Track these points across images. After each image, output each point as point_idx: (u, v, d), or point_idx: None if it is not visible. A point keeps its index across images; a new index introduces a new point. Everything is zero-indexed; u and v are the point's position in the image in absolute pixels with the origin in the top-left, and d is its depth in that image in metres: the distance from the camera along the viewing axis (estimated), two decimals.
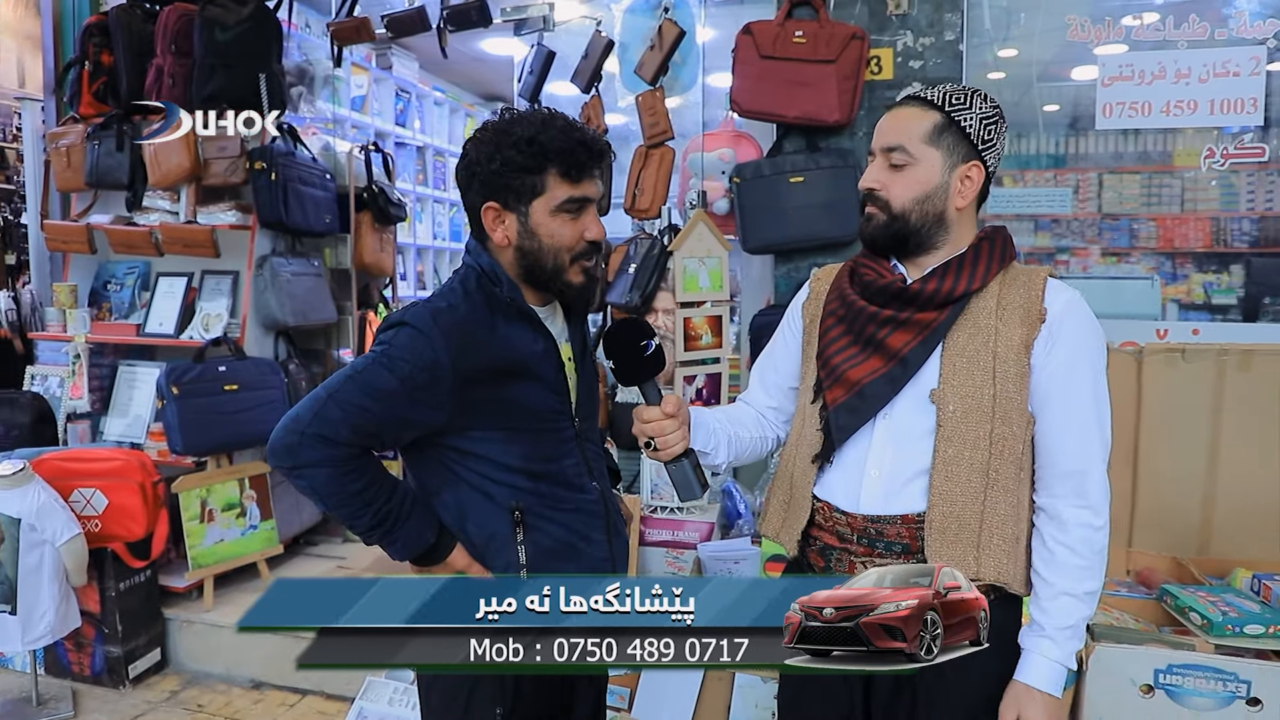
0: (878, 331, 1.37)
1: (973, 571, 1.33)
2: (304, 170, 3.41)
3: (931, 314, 1.35)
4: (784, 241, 3.01)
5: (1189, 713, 2.03)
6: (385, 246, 3.89)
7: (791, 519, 1.47)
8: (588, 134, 1.32)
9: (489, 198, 1.33)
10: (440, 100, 6.49)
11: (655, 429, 1.31)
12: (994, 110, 1.37)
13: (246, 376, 3.17)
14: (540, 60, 3.33)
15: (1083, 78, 3.30)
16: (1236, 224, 4.29)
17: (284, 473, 1.29)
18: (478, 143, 1.33)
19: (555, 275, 1.34)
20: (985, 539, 1.34)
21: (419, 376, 1.26)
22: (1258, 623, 2.10)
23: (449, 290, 1.34)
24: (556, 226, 1.32)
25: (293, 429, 1.26)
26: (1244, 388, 2.66)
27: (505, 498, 1.33)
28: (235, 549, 3.21)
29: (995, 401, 1.33)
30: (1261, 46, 2.77)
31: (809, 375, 1.48)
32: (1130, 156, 3.96)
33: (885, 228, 1.36)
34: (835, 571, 1.42)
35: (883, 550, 1.38)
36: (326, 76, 4.03)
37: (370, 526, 1.30)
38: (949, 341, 1.35)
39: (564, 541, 1.35)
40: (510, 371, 1.32)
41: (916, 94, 1.39)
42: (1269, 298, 3.25)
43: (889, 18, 2.95)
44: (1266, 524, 2.61)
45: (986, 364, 1.33)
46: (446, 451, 1.34)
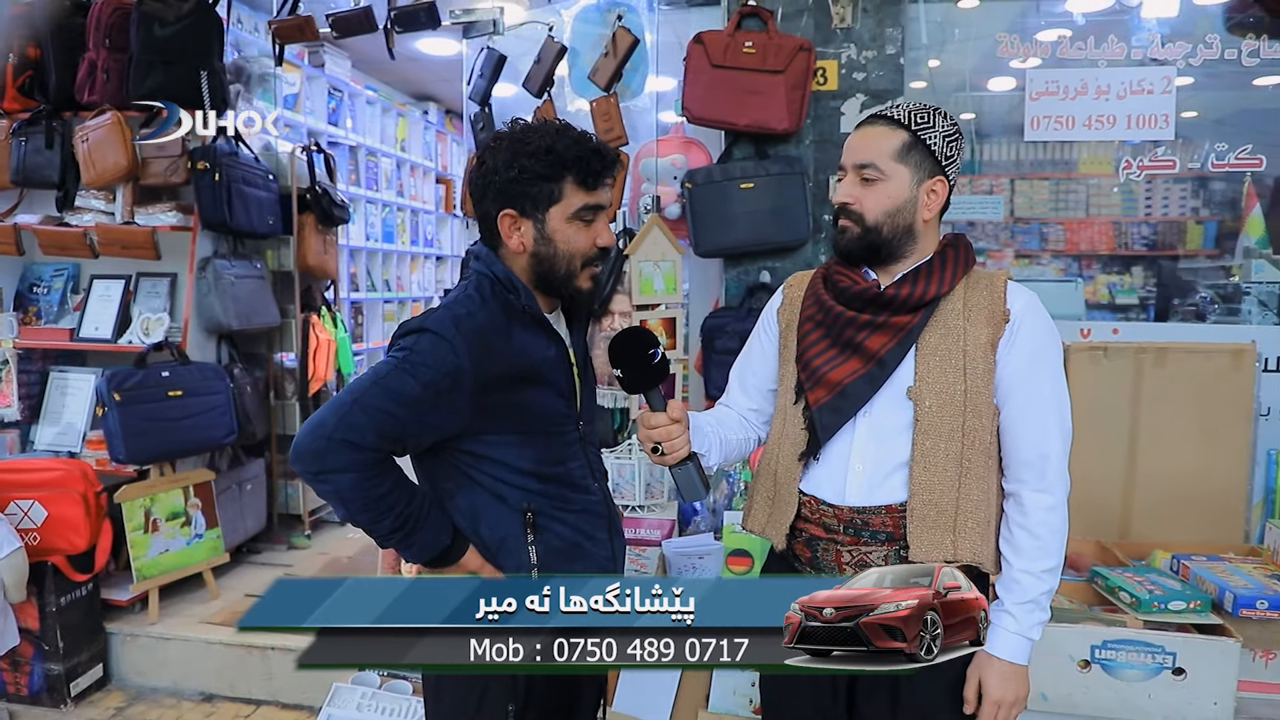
0: (856, 334, 1.46)
1: (950, 554, 1.44)
2: (247, 170, 3.34)
3: (906, 317, 1.44)
4: (734, 245, 3.10)
5: (1121, 684, 2.20)
6: (329, 248, 3.84)
7: (778, 514, 1.55)
8: (601, 143, 1.37)
9: (506, 205, 1.36)
10: (373, 99, 6.39)
11: (663, 434, 1.37)
12: (954, 128, 1.48)
13: (191, 382, 3.09)
14: (491, 64, 3.34)
15: (998, 89, 3.50)
16: (1136, 228, 4.59)
17: (308, 478, 1.30)
18: (493, 151, 1.36)
19: (567, 280, 1.38)
20: (960, 523, 1.44)
21: (441, 382, 1.28)
22: (1180, 599, 2.28)
23: (465, 297, 1.36)
24: (572, 233, 1.37)
25: (318, 434, 1.27)
26: (1159, 383, 2.87)
27: (518, 500, 1.37)
28: (180, 559, 3.12)
29: (966, 396, 1.43)
30: (1172, 67, 2.98)
31: (788, 377, 1.56)
32: (1040, 164, 4.20)
33: (859, 239, 1.46)
34: (822, 560, 1.51)
35: (868, 539, 1.47)
36: (263, 75, 3.95)
37: (391, 530, 1.32)
38: (922, 342, 1.45)
39: (571, 541, 1.40)
40: (525, 377, 1.35)
41: (883, 113, 1.48)
42: (1178, 299, 3.50)
43: (834, 31, 3.06)
44: (1181, 509, 2.83)
45: (958, 362, 1.44)
46: (461, 455, 1.37)
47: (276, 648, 2.86)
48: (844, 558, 1.48)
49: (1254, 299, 3.23)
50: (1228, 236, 4.19)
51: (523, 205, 1.35)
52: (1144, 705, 2.19)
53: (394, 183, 6.89)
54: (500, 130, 1.40)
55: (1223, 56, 2.98)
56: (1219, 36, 2.97)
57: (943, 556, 1.44)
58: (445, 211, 8.16)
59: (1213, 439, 2.85)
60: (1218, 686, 2.16)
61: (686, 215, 3.12)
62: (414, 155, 7.26)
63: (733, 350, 3.10)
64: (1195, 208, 4.46)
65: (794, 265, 3.13)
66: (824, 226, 3.09)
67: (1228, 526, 2.87)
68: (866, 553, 1.47)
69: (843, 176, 1.50)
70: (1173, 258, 4.35)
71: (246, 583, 3.38)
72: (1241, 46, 2.97)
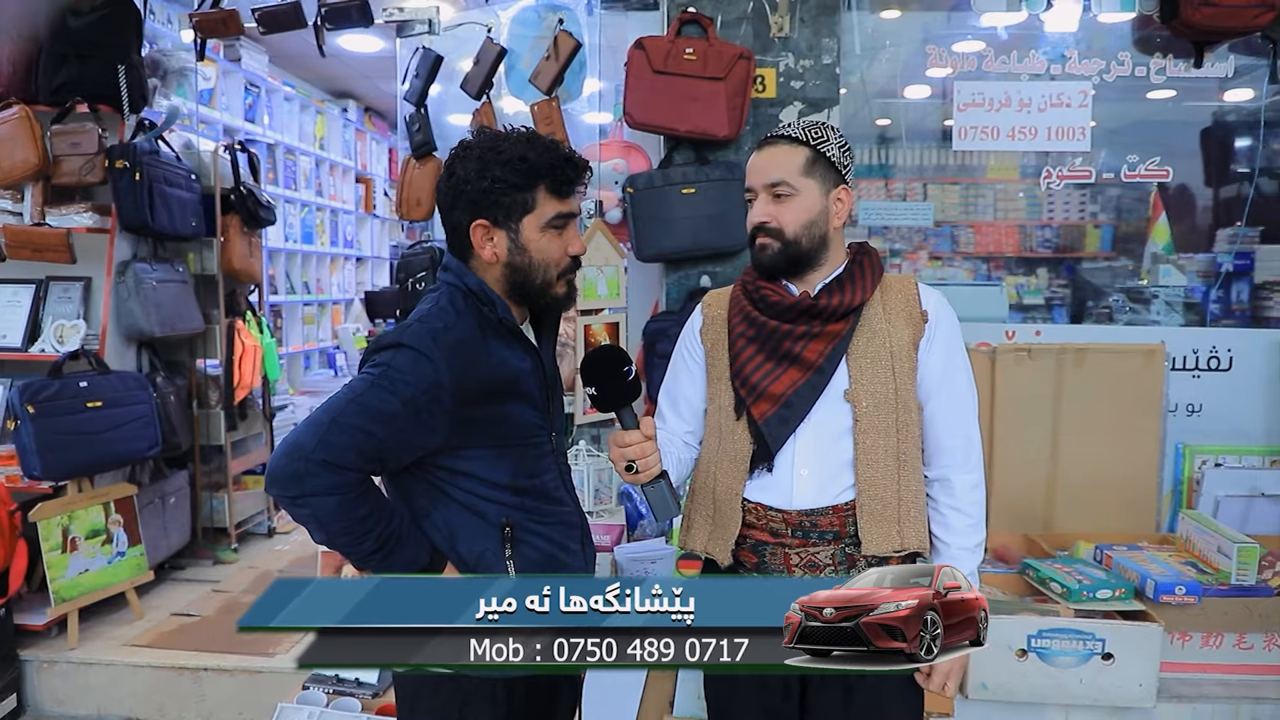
0: (793, 346, 1.51)
1: (897, 544, 1.51)
2: (169, 170, 3.19)
3: (838, 325, 1.51)
4: (676, 250, 3.12)
5: (1056, 670, 2.31)
6: (254, 251, 3.70)
7: (720, 530, 1.59)
8: (571, 151, 1.36)
9: (478, 215, 1.34)
10: (290, 96, 6.20)
11: (637, 451, 1.38)
12: (844, 139, 1.58)
13: (111, 392, 2.93)
14: (428, 64, 3.28)
15: (915, 96, 3.64)
16: (1040, 231, 4.83)
17: (286, 502, 1.25)
18: (463, 161, 1.34)
19: (543, 290, 1.37)
20: (904, 514, 1.52)
21: (421, 399, 1.25)
22: (1106, 588, 2.41)
23: (439, 311, 1.33)
24: (545, 242, 1.36)
25: (296, 456, 1.22)
26: (1079, 382, 3.02)
27: (495, 515, 1.35)
28: (102, 579, 2.96)
29: (897, 394, 1.51)
30: (1088, 81, 3.15)
31: (720, 395, 1.60)
32: (948, 169, 4.38)
33: (781, 254, 1.51)
34: (770, 565, 1.54)
35: (816, 539, 1.52)
36: (182, 69, 3.78)
37: (371, 551, 1.28)
38: (852, 347, 1.52)
39: (548, 554, 1.38)
40: (503, 390, 1.33)
41: (781, 134, 1.55)
42: (1091, 301, 3.69)
43: (772, 40, 3.12)
44: (1099, 501, 2.99)
45: (886, 363, 1.51)
46: (436, 471, 1.34)
47: (210, 669, 2.74)
48: (792, 560, 1.53)
49: (1162, 301, 3.43)
50: (1124, 239, 4.45)
51: (495, 215, 1.34)
52: (1076, 690, 2.31)
53: (313, 182, 6.69)
54: (467, 139, 1.38)
55: (1133, 73, 3.16)
56: (1129, 54, 3.15)
57: (892, 547, 1.51)
58: (365, 212, 7.97)
59: (1127, 434, 3.02)
60: (1143, 669, 2.29)
61: (628, 220, 3.13)
62: (333, 154, 7.07)
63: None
64: (1094, 213, 4.72)
65: (734, 270, 3.18)
66: None
67: (1142, 517, 3.04)
68: (814, 553, 1.52)
69: (752, 199, 1.55)
70: (1075, 259, 4.60)
71: (172, 601, 3.23)
72: (1150, 64, 3.15)
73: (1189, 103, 3.68)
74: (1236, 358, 3.11)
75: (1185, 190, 3.98)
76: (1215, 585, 2.44)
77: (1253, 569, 2.45)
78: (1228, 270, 3.58)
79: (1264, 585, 2.46)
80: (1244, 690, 2.41)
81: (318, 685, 2.40)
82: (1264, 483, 3.00)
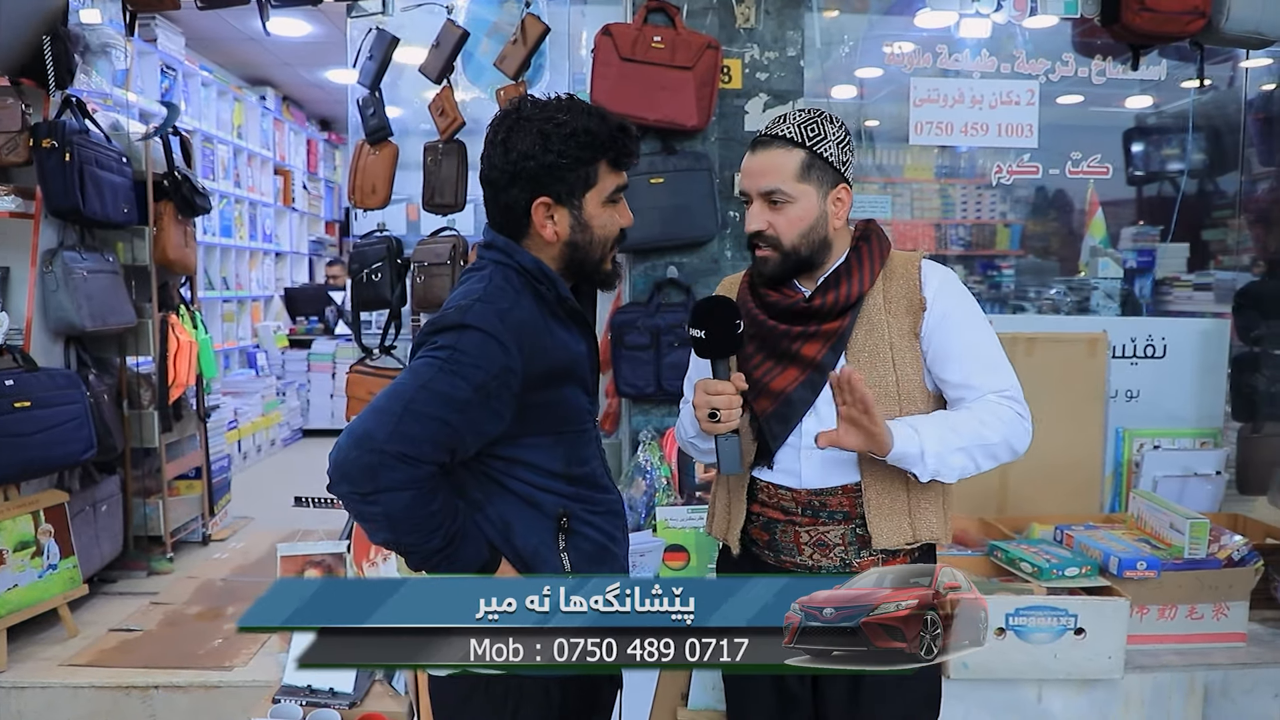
0: (791, 345, 1.52)
1: (909, 537, 1.51)
2: (100, 152, 2.97)
3: (836, 323, 1.51)
4: (644, 240, 3.09)
5: (1031, 646, 2.39)
6: (189, 240, 3.49)
7: (734, 517, 1.60)
8: (624, 120, 1.31)
9: (540, 192, 1.27)
10: (208, 81, 5.89)
11: (725, 402, 1.39)
12: (843, 130, 1.55)
13: (41, 391, 2.70)
14: (382, 46, 3.15)
15: (840, 96, 3.71)
16: (954, 230, 5.01)
17: (355, 499, 1.15)
18: (520, 134, 1.26)
19: (598, 266, 1.32)
20: (914, 505, 1.52)
21: (491, 384, 1.18)
22: (1073, 565, 2.50)
23: (498, 290, 1.25)
24: (607, 217, 1.31)
25: (368, 447, 1.13)
26: (1030, 369, 3.12)
27: (552, 505, 1.29)
28: (32, 594, 2.73)
29: (899, 386, 1.50)
30: (1035, 80, 3.27)
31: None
32: (867, 168, 4.49)
33: (780, 265, 1.51)
34: (780, 542, 1.56)
35: (825, 519, 1.53)
36: (104, 45, 3.52)
37: (437, 549, 1.20)
38: (851, 342, 1.52)
39: (600, 544, 1.34)
40: (563, 374, 1.28)
41: (776, 133, 1.51)
42: (1034, 290, 3.84)
43: (738, 30, 3.12)
44: (1049, 484, 3.12)
45: (886, 355, 1.51)
46: (493, 462, 1.27)
47: (161, 686, 2.56)
48: (802, 538, 1.54)
49: (1101, 293, 3.60)
50: (1031, 238, 4.67)
51: (559, 192, 1.27)
52: (1050, 664, 2.40)
53: (231, 172, 6.37)
54: (513, 112, 1.30)
55: (1076, 74, 3.30)
56: (1073, 56, 3.29)
57: (903, 540, 1.51)
58: (284, 205, 7.65)
59: (1073, 419, 3.16)
60: (1111, 642, 2.40)
61: None
62: (251, 144, 6.76)
63: (642, 346, 3.11)
64: (1003, 212, 4.93)
65: (701, 261, 3.17)
66: (730, 223, 3.14)
67: (1087, 498, 3.19)
68: (824, 532, 1.53)
69: (748, 202, 1.54)
70: (987, 257, 4.79)
71: (108, 616, 3.01)
72: (1091, 65, 3.30)
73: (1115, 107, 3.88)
74: (1170, 346, 3.29)
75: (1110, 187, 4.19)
76: (1170, 560, 2.57)
77: (1203, 543, 2.59)
78: (1131, 266, 3.79)
79: (1213, 558, 2.61)
80: (1198, 658, 2.56)
81: (289, 697, 2.27)
82: (1197, 463, 3.19)
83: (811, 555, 1.54)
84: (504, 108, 1.32)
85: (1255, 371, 3.50)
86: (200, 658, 2.69)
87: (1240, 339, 3.52)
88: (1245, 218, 3.68)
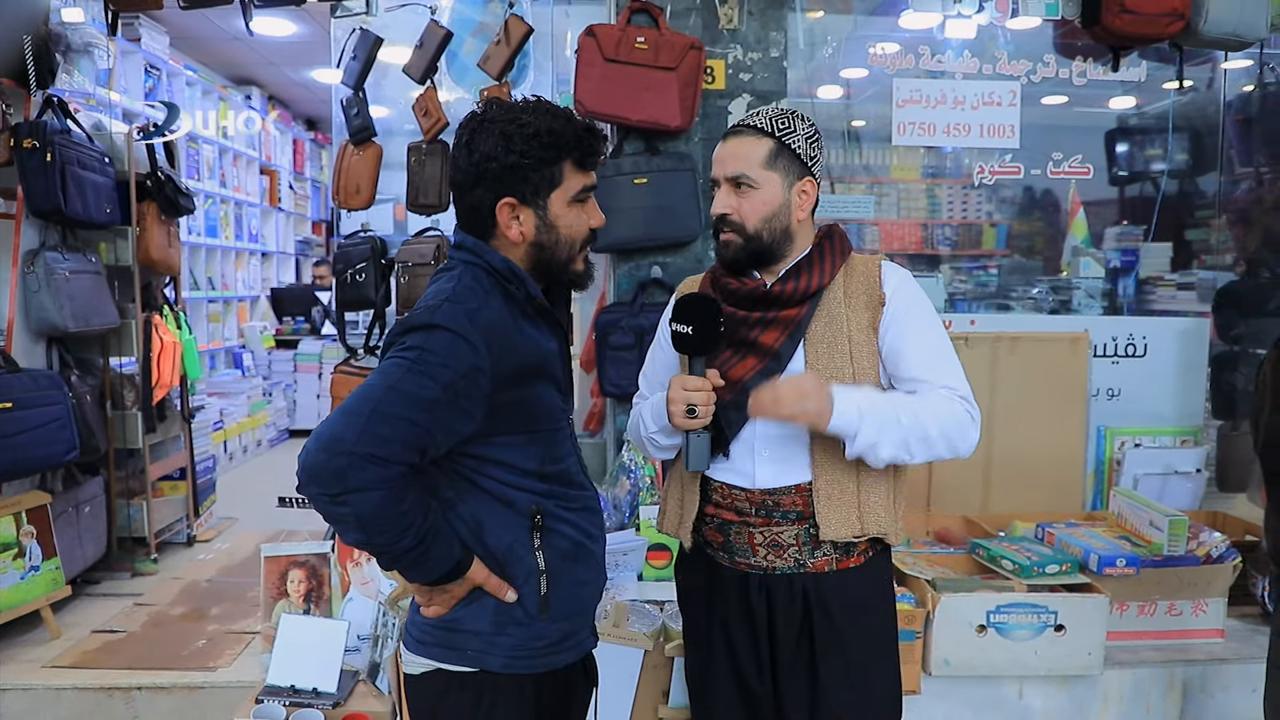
0: (749, 332, 1.54)
1: (856, 529, 1.53)
2: (82, 152, 2.96)
3: (794, 310, 1.54)
4: (628, 240, 3.10)
5: (1012, 643, 2.41)
6: (173, 241, 3.48)
7: (686, 513, 1.62)
8: (589, 121, 1.32)
9: (504, 193, 1.27)
10: (193, 80, 5.86)
11: (703, 398, 1.45)
12: (813, 129, 1.59)
13: (23, 392, 2.69)
14: (366, 45, 3.15)
15: (825, 96, 3.73)
16: (940, 229, 5.03)
17: (324, 500, 1.14)
18: (483, 135, 1.26)
19: (566, 266, 1.33)
20: (863, 499, 1.54)
21: (460, 383, 1.18)
22: (1054, 563, 2.53)
23: (467, 290, 1.25)
24: (573, 217, 1.31)
25: (336, 450, 1.12)
26: (1013, 368, 3.17)
27: (525, 503, 1.29)
28: (14, 596, 2.71)
29: (855, 379, 1.52)
30: (1017, 81, 3.29)
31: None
32: (853, 168, 4.51)
33: (742, 249, 1.54)
34: (734, 544, 1.58)
35: (779, 519, 1.55)
36: (87, 44, 3.50)
37: (408, 549, 1.19)
38: (809, 332, 1.54)
39: (575, 542, 1.34)
40: (533, 372, 1.28)
41: (748, 123, 1.57)
42: (1018, 289, 3.86)
43: (721, 31, 3.13)
44: (1031, 482, 3.14)
45: (843, 347, 1.53)
46: (465, 460, 1.27)
47: (144, 687, 2.55)
48: (756, 539, 1.56)
49: (1083, 292, 3.62)
50: (1016, 238, 4.69)
51: (523, 192, 1.28)
52: (1030, 661, 2.42)
53: (216, 172, 6.35)
54: (479, 114, 1.31)
55: (1057, 75, 3.32)
56: (1055, 57, 3.31)
57: (851, 532, 1.53)
58: (270, 205, 7.62)
59: (1055, 418, 3.18)
60: (1091, 638, 2.42)
61: None
62: (237, 144, 6.73)
63: (627, 346, 3.12)
64: (989, 212, 4.95)
65: (685, 261, 3.18)
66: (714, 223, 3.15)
67: (1069, 496, 3.22)
68: (778, 533, 1.55)
69: (716, 189, 1.57)
70: (973, 256, 4.81)
71: (91, 618, 2.99)
72: (1072, 67, 3.32)
73: (1096, 108, 3.91)
74: (1150, 345, 3.32)
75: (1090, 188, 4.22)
76: (1150, 557, 2.59)
77: (1182, 540, 2.61)
78: (1115, 266, 3.82)
79: (1192, 555, 2.63)
80: (1176, 654, 2.58)
81: (272, 698, 2.26)
82: (1177, 461, 3.22)
83: (766, 556, 1.56)
84: (471, 110, 1.33)
85: (1235, 370, 3.53)
86: (184, 659, 2.68)
87: (1220, 338, 3.55)
88: (1226, 218, 3.71)
